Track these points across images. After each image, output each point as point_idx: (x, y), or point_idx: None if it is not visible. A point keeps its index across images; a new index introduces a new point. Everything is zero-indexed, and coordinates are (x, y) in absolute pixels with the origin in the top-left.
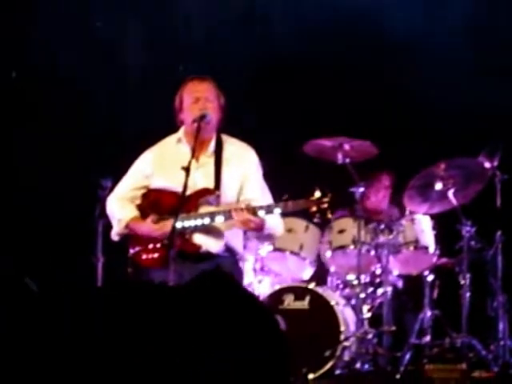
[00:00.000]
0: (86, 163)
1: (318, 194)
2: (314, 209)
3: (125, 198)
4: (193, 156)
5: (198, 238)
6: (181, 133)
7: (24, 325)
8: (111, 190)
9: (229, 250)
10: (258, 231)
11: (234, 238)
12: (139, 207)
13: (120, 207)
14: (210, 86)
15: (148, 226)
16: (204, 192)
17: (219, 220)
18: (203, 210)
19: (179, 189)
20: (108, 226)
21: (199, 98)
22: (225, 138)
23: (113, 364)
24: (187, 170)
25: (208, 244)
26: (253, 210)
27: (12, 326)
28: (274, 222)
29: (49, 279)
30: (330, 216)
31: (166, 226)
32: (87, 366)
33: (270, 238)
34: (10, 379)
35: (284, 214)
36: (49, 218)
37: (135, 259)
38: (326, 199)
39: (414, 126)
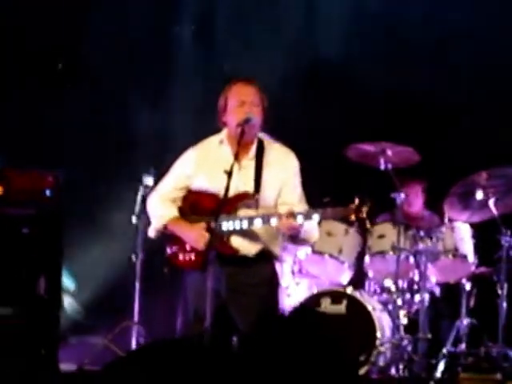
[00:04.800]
0: (129, 160)
1: (356, 202)
2: (353, 217)
3: (167, 199)
4: (235, 159)
5: (236, 241)
6: (223, 134)
7: None
8: (153, 187)
9: (266, 253)
10: (294, 236)
11: (272, 241)
12: (179, 208)
13: (161, 205)
14: (256, 89)
15: (188, 231)
16: (243, 195)
17: (257, 224)
18: (242, 213)
19: (219, 191)
20: (149, 223)
21: (245, 102)
22: (266, 141)
23: None
24: (229, 173)
25: (245, 247)
26: (293, 216)
27: None
28: (310, 228)
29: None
30: (368, 226)
31: (205, 237)
32: None
33: (304, 242)
34: None
35: (321, 221)
36: (91, 212)
37: (172, 259)
38: (364, 208)
39: (458, 133)
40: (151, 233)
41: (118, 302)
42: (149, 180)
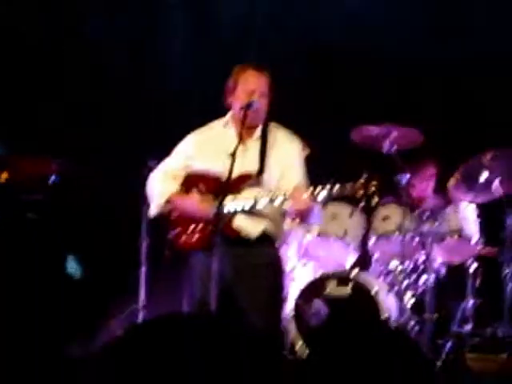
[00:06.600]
0: (133, 143)
1: (364, 177)
2: (361, 193)
3: (168, 176)
4: (239, 142)
5: (239, 222)
6: (228, 117)
7: None
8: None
9: (269, 235)
10: (306, 215)
11: (275, 223)
12: (181, 189)
13: (162, 182)
14: (267, 79)
15: (192, 199)
16: (247, 176)
17: (262, 204)
18: (246, 194)
19: (222, 172)
20: None
21: (254, 91)
22: (271, 125)
23: None
24: (233, 155)
25: (248, 229)
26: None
27: None
28: (317, 209)
29: (93, 259)
30: (376, 200)
31: (210, 204)
32: None
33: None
34: None
35: (329, 199)
36: (94, 198)
37: (175, 242)
38: (373, 183)
39: (463, 114)
40: (152, 211)
41: (124, 287)
42: (153, 163)
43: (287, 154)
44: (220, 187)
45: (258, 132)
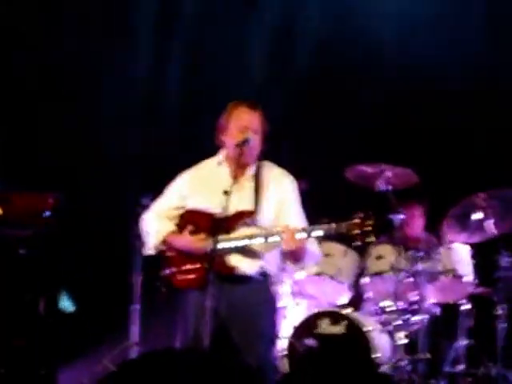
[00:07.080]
0: (125, 181)
1: (361, 216)
2: (357, 231)
3: (163, 216)
4: (234, 180)
5: (234, 260)
6: (221, 155)
7: None
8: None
9: (264, 272)
10: (298, 254)
11: (271, 260)
12: (176, 227)
13: (157, 221)
14: (259, 116)
15: (186, 238)
16: (242, 214)
17: (257, 241)
18: (241, 231)
19: (216, 210)
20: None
21: (247, 128)
22: (265, 163)
23: None
24: (228, 194)
25: (243, 266)
26: (297, 231)
27: None
28: (313, 249)
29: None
30: (372, 239)
31: (204, 243)
32: None
33: (303, 264)
34: None
35: (324, 238)
36: (87, 234)
37: (170, 280)
38: (369, 222)
39: (456, 155)
40: (149, 250)
41: (117, 323)
42: (147, 201)
43: (282, 192)
44: (215, 225)
45: (252, 170)
